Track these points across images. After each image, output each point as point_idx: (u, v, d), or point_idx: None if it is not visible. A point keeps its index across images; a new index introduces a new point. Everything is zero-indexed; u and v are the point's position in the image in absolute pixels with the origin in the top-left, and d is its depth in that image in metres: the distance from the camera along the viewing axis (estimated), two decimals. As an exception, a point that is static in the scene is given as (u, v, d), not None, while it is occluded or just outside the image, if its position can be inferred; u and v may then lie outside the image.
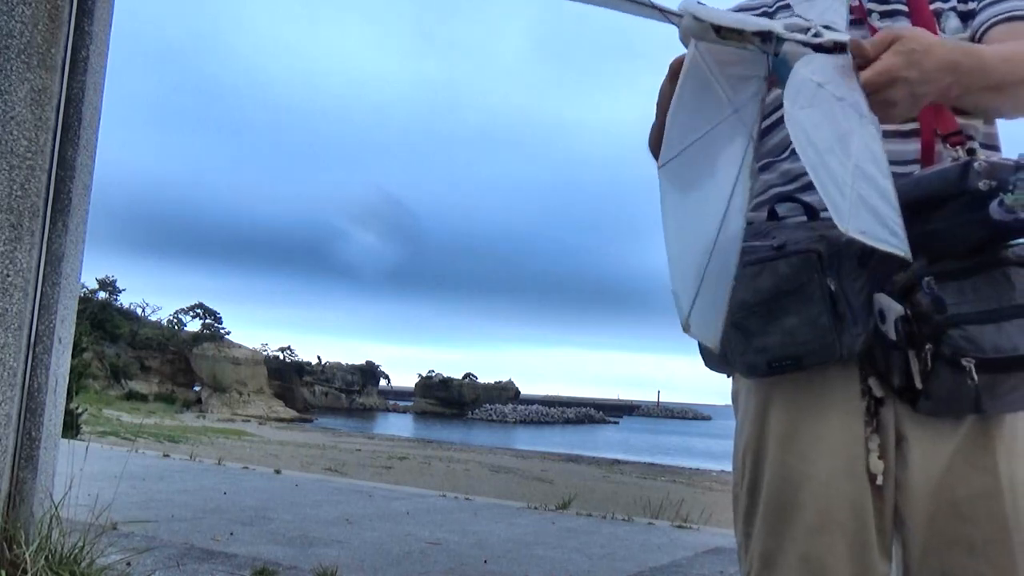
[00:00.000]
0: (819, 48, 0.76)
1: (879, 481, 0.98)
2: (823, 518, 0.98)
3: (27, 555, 2.26)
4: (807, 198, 1.04)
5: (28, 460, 2.41)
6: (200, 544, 3.71)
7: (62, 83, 2.50)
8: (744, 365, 0.99)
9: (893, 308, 0.95)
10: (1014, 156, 0.93)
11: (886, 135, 1.02)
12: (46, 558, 2.29)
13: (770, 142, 1.15)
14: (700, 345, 1.06)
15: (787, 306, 0.95)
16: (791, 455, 1.01)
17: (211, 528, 4.16)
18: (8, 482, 2.36)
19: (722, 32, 0.71)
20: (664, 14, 0.72)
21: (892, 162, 1.01)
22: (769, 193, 1.13)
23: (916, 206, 0.92)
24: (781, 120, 1.11)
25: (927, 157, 1.03)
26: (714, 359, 1.07)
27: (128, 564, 2.94)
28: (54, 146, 2.48)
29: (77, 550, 2.42)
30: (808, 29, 0.75)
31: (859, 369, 1.00)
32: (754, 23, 0.73)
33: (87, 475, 2.78)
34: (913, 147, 1.04)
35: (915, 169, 1.02)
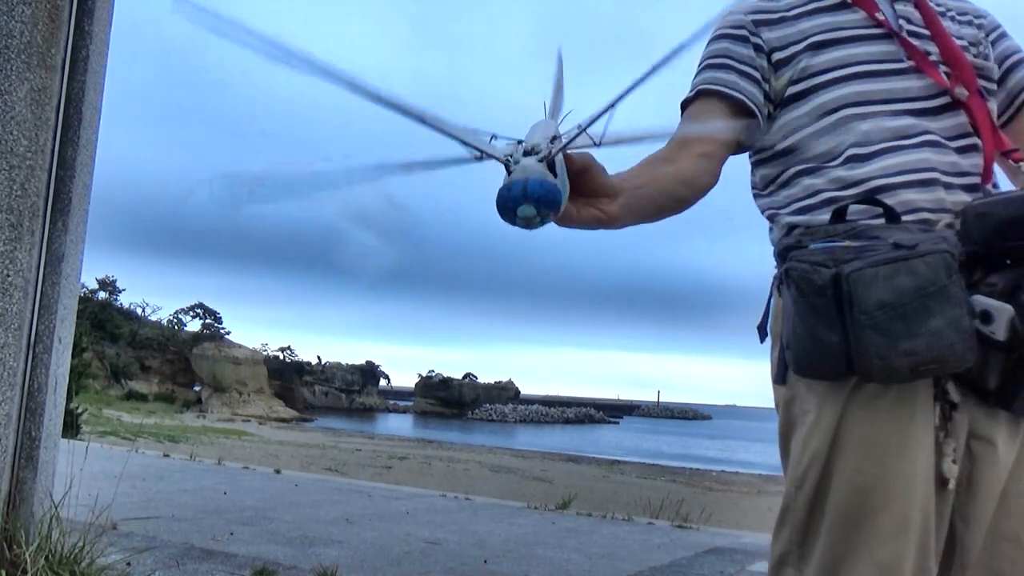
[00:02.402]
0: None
1: (951, 485, 1.00)
2: (900, 524, 0.98)
3: (27, 555, 2.26)
4: (889, 201, 1.06)
5: (28, 460, 2.41)
6: (200, 544, 3.71)
7: (62, 83, 2.50)
8: (884, 370, 0.94)
9: (1004, 309, 0.96)
10: None
11: (945, 148, 1.11)
12: (46, 558, 2.30)
13: (817, 148, 1.15)
14: (804, 348, 1.01)
15: (931, 307, 0.93)
16: (868, 461, 1.00)
17: (211, 528, 4.16)
18: (8, 482, 2.36)
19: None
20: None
21: (954, 173, 1.10)
22: (819, 197, 1.13)
23: None
24: (828, 128, 1.14)
25: (988, 172, 1.12)
26: (827, 362, 0.99)
27: (128, 564, 2.94)
28: (54, 146, 2.48)
29: (77, 550, 2.42)
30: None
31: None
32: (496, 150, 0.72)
33: (87, 475, 2.78)
34: (971, 162, 1.11)
35: (973, 181, 1.10)
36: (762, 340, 1.22)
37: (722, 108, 1.16)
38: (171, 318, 45.82)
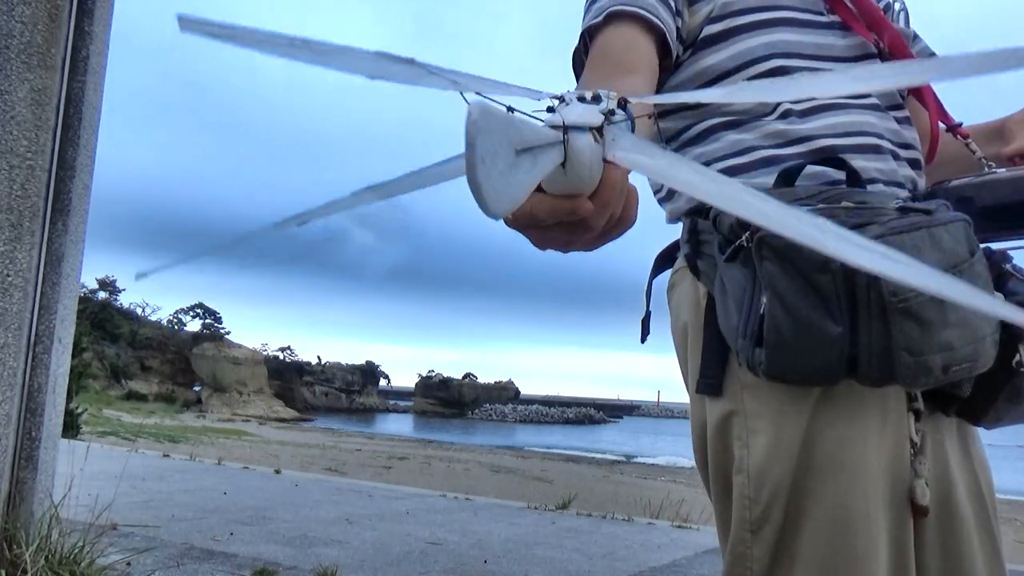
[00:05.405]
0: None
1: (924, 501, 0.84)
2: (895, 566, 0.82)
3: (27, 555, 2.26)
4: (856, 162, 0.90)
5: (28, 460, 2.41)
6: (200, 544, 3.71)
7: (62, 83, 2.50)
8: (913, 368, 0.74)
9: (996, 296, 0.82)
10: None
11: (885, 114, 1.01)
12: (46, 558, 2.29)
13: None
14: (789, 342, 0.77)
15: None
16: (853, 492, 0.81)
17: (211, 528, 4.16)
18: (8, 482, 2.36)
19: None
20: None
21: (898, 144, 1.00)
22: (754, 155, 0.95)
23: (1019, 208, 0.92)
24: (758, 78, 0.97)
25: (934, 147, 1.04)
26: (820, 360, 0.76)
27: (128, 564, 2.94)
28: (54, 146, 2.48)
29: (77, 550, 2.42)
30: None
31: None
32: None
33: (87, 475, 2.78)
34: (911, 134, 1.03)
35: (916, 156, 1.01)
36: (643, 339, 1.03)
37: (643, 37, 0.92)
38: (171, 318, 45.91)
